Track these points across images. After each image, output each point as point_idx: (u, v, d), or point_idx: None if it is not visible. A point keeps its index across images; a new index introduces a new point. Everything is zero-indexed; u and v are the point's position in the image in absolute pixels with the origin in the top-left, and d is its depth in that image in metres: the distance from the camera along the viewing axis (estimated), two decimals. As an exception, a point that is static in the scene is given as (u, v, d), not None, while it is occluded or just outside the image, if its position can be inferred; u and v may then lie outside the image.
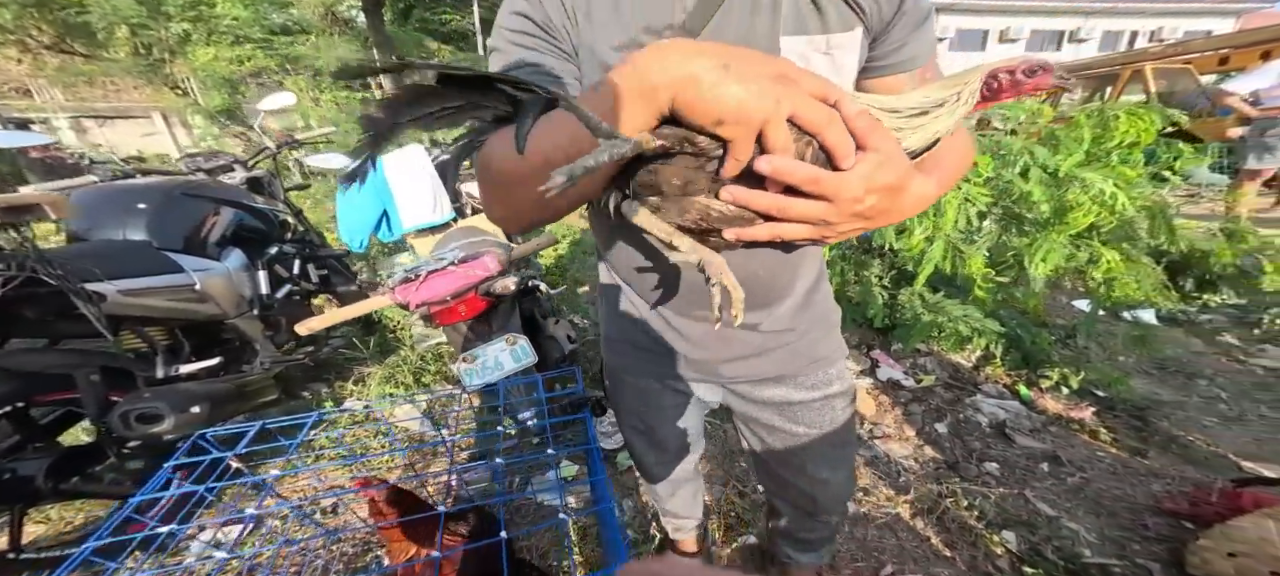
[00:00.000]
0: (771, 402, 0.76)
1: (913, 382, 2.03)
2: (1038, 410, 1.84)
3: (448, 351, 2.28)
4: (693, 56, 0.35)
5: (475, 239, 1.59)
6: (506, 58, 0.56)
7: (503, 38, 0.57)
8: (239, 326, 1.85)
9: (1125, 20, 18.84)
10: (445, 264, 1.29)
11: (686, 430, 0.88)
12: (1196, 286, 2.61)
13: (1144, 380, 2.00)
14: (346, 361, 2.31)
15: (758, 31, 0.53)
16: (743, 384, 0.76)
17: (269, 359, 1.89)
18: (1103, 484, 1.52)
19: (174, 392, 1.32)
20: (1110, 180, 1.66)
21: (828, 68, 0.53)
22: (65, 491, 1.20)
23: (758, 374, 0.73)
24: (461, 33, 12.10)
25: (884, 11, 0.53)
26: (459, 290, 1.29)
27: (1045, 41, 18.71)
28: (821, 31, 0.53)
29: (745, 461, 1.63)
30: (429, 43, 10.78)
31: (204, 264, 1.76)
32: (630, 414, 0.86)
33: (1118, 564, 1.25)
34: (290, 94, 2.40)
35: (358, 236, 2.30)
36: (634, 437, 0.90)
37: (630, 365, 0.80)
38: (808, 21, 0.53)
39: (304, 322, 1.38)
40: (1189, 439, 1.65)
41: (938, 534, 1.38)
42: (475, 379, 1.30)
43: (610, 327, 0.80)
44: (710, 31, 0.53)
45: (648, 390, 0.81)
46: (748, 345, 0.70)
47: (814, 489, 0.84)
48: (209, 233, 1.94)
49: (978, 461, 1.62)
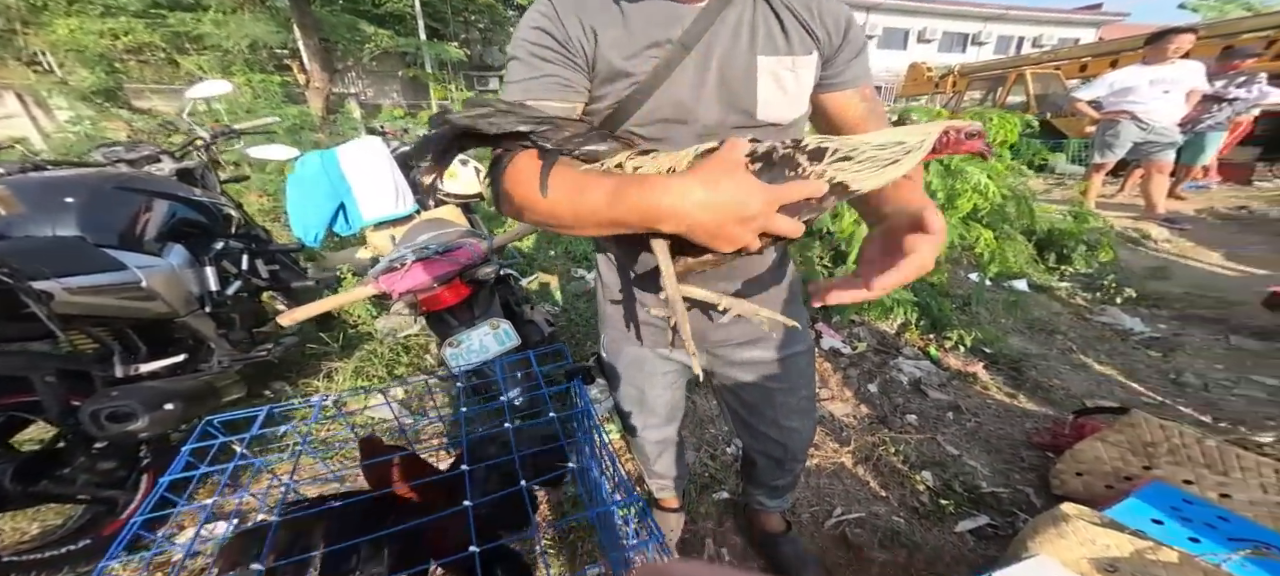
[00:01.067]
0: (749, 363, 0.90)
1: (850, 350, 2.27)
2: (944, 367, 2.15)
3: (418, 342, 2.29)
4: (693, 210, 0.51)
5: (447, 231, 1.64)
6: (527, 67, 0.66)
7: (524, 48, 0.66)
8: (190, 325, 1.77)
9: (1016, 27, 21.42)
10: (430, 252, 1.35)
11: (673, 396, 0.99)
12: (1057, 259, 3.15)
13: (1018, 337, 2.41)
14: (308, 357, 2.25)
15: (740, 49, 0.66)
16: (725, 348, 0.88)
17: (227, 357, 1.83)
18: (992, 426, 1.83)
19: (144, 391, 1.28)
20: (985, 172, 2.04)
21: (792, 82, 0.68)
22: (35, 494, 1.15)
23: (737, 339, 0.87)
24: (398, 15, 11.16)
25: (833, 40, 0.68)
26: (444, 275, 1.35)
27: (953, 42, 20.88)
28: (788, 53, 0.67)
29: (723, 424, 1.81)
30: (363, 25, 9.71)
31: (147, 260, 1.67)
32: (626, 382, 0.97)
33: (1005, 490, 1.53)
34: (225, 82, 2.25)
35: (312, 230, 2.23)
36: (628, 404, 1.01)
37: (629, 336, 0.90)
38: (778, 44, 0.67)
39: (288, 313, 1.38)
40: (1050, 384, 2.04)
41: (874, 477, 1.61)
42: (462, 361, 1.38)
43: (609, 305, 0.91)
44: (702, 46, 0.65)
45: (643, 358, 0.92)
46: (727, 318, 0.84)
47: (785, 437, 0.98)
48: (145, 228, 1.82)
49: (901, 414, 1.88)
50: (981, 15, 20.46)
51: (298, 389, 2.11)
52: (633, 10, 0.65)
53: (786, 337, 0.89)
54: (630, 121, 0.68)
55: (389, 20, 11.15)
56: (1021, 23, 21.27)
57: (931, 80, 10.26)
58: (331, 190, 2.16)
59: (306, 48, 6.67)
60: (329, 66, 7.21)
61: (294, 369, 2.21)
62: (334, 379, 2.13)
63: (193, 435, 0.87)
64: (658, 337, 0.88)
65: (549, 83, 0.65)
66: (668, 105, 0.67)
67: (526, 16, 0.68)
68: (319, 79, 6.71)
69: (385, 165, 2.16)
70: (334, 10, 9.55)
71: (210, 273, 1.94)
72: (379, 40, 9.70)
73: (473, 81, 15.80)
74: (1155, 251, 3.61)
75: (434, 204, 2.28)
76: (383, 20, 10.91)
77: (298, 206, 2.15)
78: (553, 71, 0.66)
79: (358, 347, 2.28)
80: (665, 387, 0.96)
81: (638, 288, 0.85)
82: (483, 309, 1.48)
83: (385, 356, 2.18)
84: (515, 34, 0.68)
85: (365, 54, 9.96)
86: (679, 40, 0.64)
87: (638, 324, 0.88)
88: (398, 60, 12.12)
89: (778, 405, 0.94)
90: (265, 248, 2.24)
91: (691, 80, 0.66)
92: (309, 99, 7.01)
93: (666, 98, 0.66)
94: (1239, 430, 1.32)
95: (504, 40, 15.16)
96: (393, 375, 2.09)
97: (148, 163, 2.10)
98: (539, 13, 0.66)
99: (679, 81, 0.66)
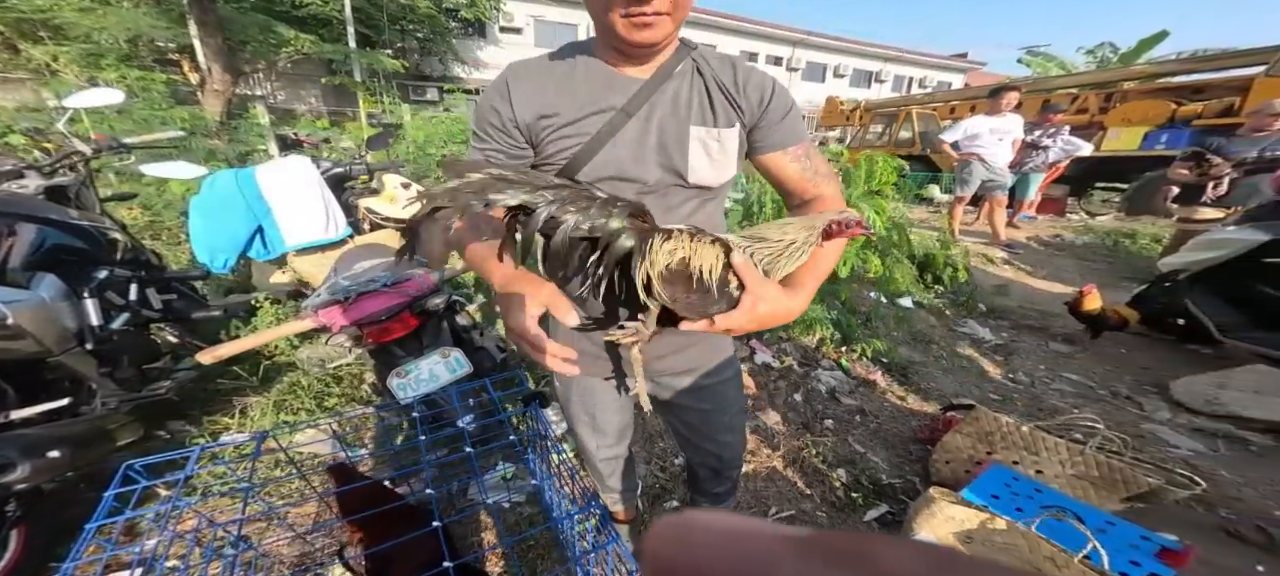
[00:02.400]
0: (688, 388, 1.00)
1: (778, 364, 2.48)
2: (852, 376, 2.48)
3: (351, 372, 2.17)
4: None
5: (391, 260, 1.62)
6: (479, 141, 0.80)
7: (479, 123, 0.79)
8: (67, 364, 1.56)
9: (907, 68, 24.97)
10: (379, 284, 1.34)
11: (623, 418, 1.07)
12: (933, 279, 3.76)
13: (906, 347, 2.85)
14: (215, 393, 2.04)
15: (677, 118, 0.76)
16: (666, 376, 0.98)
17: (114, 397, 1.63)
18: (889, 425, 2.12)
19: (22, 438, 1.14)
20: (872, 208, 2.45)
21: (718, 150, 0.78)
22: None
23: (678, 368, 0.97)
24: (324, 19, 10.15)
25: (754, 111, 0.79)
26: (393, 308, 1.35)
27: (861, 78, 23.97)
28: (714, 126, 0.77)
29: (667, 442, 1.94)
30: (280, 28, 8.68)
31: (11, 293, 1.46)
32: (579, 408, 1.03)
33: (899, 481, 1.78)
34: (116, 91, 2.01)
35: (222, 256, 2.03)
36: (582, 429, 1.07)
37: (580, 368, 1.00)
38: (706, 117, 0.77)
39: (207, 352, 1.29)
40: (929, 386, 2.45)
41: (800, 478, 1.80)
42: (410, 392, 1.38)
43: (558, 338, 0.96)
44: (644, 113, 0.75)
45: (594, 387, 1.00)
46: (671, 347, 0.93)
47: (720, 449, 1.10)
48: (7, 257, 1.59)
49: (820, 420, 2.11)
50: (882, 56, 23.84)
51: (203, 428, 1.91)
52: (582, 78, 0.76)
53: (716, 367, 1.02)
54: (578, 177, 0.76)
55: (313, 23, 10.12)
56: (911, 65, 24.87)
57: (844, 112, 11.70)
58: (247, 212, 2.00)
59: (206, 47, 5.86)
60: (232, 68, 6.37)
61: (198, 405, 2.00)
62: (249, 415, 1.96)
63: (114, 480, 0.83)
64: (603, 367, 0.96)
65: (496, 157, 0.79)
66: (612, 164, 0.75)
67: (485, 90, 0.80)
68: (218, 81, 5.92)
69: (313, 186, 2.04)
70: (243, 9, 8.51)
71: (91, 305, 1.71)
72: (299, 44, 8.78)
73: (408, 91, 14.82)
74: (997, 272, 4.41)
75: (370, 227, 2.20)
76: (305, 23, 9.89)
77: (204, 229, 1.96)
78: (501, 146, 0.79)
79: (277, 380, 2.11)
80: (615, 411, 1.04)
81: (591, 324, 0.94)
82: (432, 338, 1.48)
83: (313, 388, 2.05)
84: (478, 104, 0.80)
85: (281, 58, 8.96)
86: (623, 108, 0.74)
87: (588, 357, 0.95)
88: (320, 64, 10.99)
89: (712, 423, 1.06)
90: (159, 275, 2.02)
91: (633, 143, 0.75)
92: (205, 101, 6.15)
93: (610, 156, 0.75)
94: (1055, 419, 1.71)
95: (444, 51, 14.49)
96: (324, 408, 1.96)
97: (5, 179, 1.82)
98: (493, 89, 0.78)
99: (621, 143, 0.75)
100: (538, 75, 0.77)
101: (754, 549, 0.13)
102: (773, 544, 0.13)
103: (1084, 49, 16.63)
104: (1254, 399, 2.12)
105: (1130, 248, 5.09)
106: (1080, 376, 2.61)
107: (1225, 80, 6.25)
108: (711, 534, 0.13)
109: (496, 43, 16.67)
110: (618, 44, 0.72)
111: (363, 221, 2.20)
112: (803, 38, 21.05)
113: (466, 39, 15.92)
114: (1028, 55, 16.02)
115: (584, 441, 1.10)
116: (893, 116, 9.45)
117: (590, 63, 0.77)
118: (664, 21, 0.67)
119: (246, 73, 8.83)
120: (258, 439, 0.96)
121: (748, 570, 0.12)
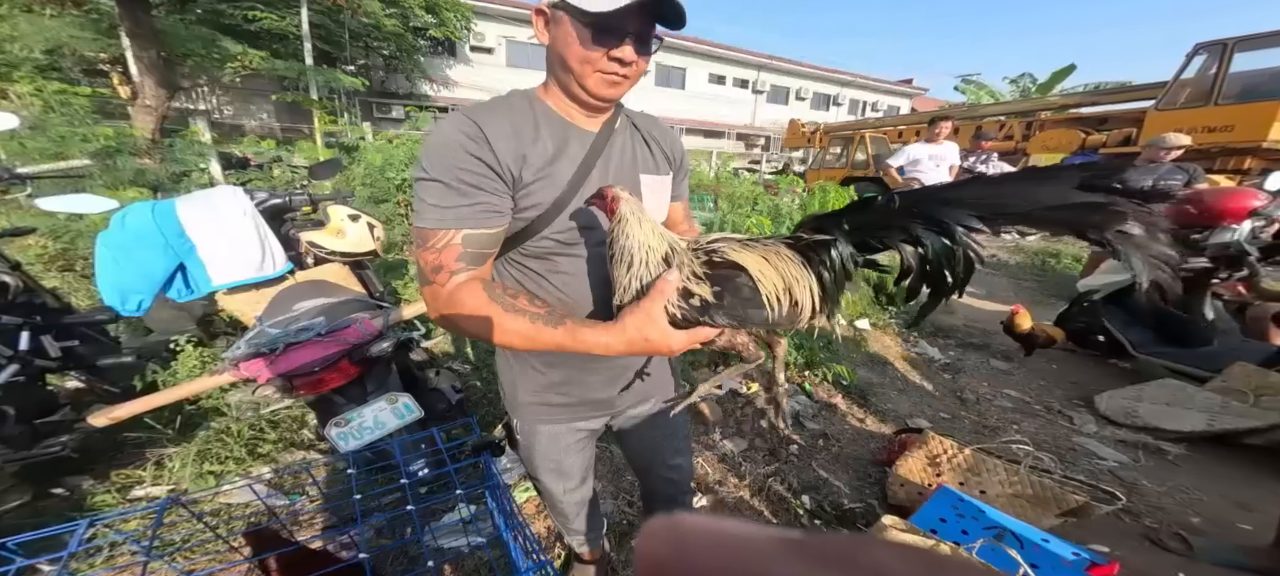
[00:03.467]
0: (642, 416, 1.08)
1: (746, 391, 2.51)
2: (816, 400, 2.52)
3: (290, 415, 2.01)
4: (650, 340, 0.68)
5: (333, 300, 1.52)
6: (458, 194, 0.71)
7: (451, 173, 0.70)
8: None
9: (862, 92, 26.71)
10: (311, 334, 1.24)
11: (586, 458, 1.12)
12: (887, 300, 3.94)
13: (864, 369, 2.96)
14: (124, 445, 1.83)
15: (628, 166, 0.86)
16: (625, 408, 1.06)
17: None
18: (850, 449, 2.16)
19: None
20: None
21: (662, 192, 0.91)
22: None
23: (636, 399, 1.04)
24: (280, 34, 9.53)
25: (675, 165, 0.95)
26: (329, 359, 1.25)
27: (820, 101, 25.43)
28: (656, 173, 0.90)
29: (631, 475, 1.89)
30: (227, 42, 8.01)
31: None
32: (544, 457, 1.05)
33: (859, 505, 1.80)
34: (9, 116, 1.80)
35: (134, 297, 1.80)
36: (547, 477, 1.08)
37: (544, 417, 0.99)
38: (651, 166, 0.90)
39: (103, 413, 1.16)
40: (887, 407, 2.53)
41: (766, 506, 1.80)
42: (352, 441, 1.28)
43: (523, 395, 0.97)
44: (602, 162, 0.82)
45: (558, 434, 1.02)
46: (631, 379, 1.00)
47: (672, 473, 1.18)
48: None
49: (785, 446, 2.13)
50: (838, 80, 25.35)
51: (110, 483, 1.71)
52: (544, 126, 0.78)
53: (667, 394, 1.10)
54: (549, 229, 0.79)
55: (267, 38, 9.50)
56: (863, 89, 26.58)
57: (805, 135, 12.31)
58: (166, 249, 1.76)
59: (138, 60, 5.39)
60: (168, 82, 5.88)
61: (103, 460, 1.79)
62: (167, 467, 1.77)
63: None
64: (571, 413, 1.00)
65: (480, 211, 0.72)
66: (582, 214, 0.80)
67: (448, 135, 0.71)
68: (152, 96, 5.43)
69: (246, 219, 1.84)
70: (186, 21, 7.90)
71: None
72: (248, 60, 8.17)
73: (372, 108, 14.27)
74: (947, 293, 4.70)
75: (314, 262, 2.05)
76: (258, 38, 9.26)
77: (113, 269, 1.70)
78: (484, 199, 0.72)
79: (201, 426, 1.93)
80: (578, 453, 1.08)
81: (554, 371, 0.95)
82: (378, 383, 1.39)
83: (243, 435, 1.88)
84: (433, 149, 0.72)
85: (227, 73, 8.34)
86: (584, 160, 0.80)
87: (554, 406, 0.98)
88: (273, 80, 10.39)
89: (665, 448, 1.15)
90: (57, 320, 1.81)
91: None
92: (135, 117, 5.66)
93: (581, 209, 0.80)
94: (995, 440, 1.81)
95: (411, 68, 14.01)
96: (256, 455, 1.80)
97: None
98: (464, 135, 0.71)
99: (589, 189, 0.79)
100: (507, 117, 0.75)
101: (745, 550, 0.13)
102: (764, 545, 0.13)
103: (1008, 78, 18.40)
104: (1166, 411, 2.32)
105: (1056, 266, 5.55)
106: (1019, 392, 2.78)
107: (1123, 112, 7.08)
108: (703, 535, 0.14)
109: (467, 61, 16.47)
110: (584, 97, 0.76)
111: (306, 255, 2.04)
112: (765, 62, 22.17)
113: (435, 57, 15.64)
114: (963, 83, 17.59)
115: (550, 487, 1.10)
116: (849, 139, 10.02)
117: (548, 112, 0.80)
118: (629, 81, 0.76)
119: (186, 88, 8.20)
120: (160, 509, 0.86)
121: (739, 571, 0.12)
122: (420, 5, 11.71)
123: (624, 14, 0.66)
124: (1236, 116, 5.45)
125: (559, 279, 0.84)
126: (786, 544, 0.13)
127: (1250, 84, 5.65)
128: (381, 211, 4.68)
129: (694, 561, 0.13)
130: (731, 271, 0.67)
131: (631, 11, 0.66)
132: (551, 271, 0.83)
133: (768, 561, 0.12)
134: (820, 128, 12.09)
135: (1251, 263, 2.52)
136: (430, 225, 0.72)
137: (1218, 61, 5.78)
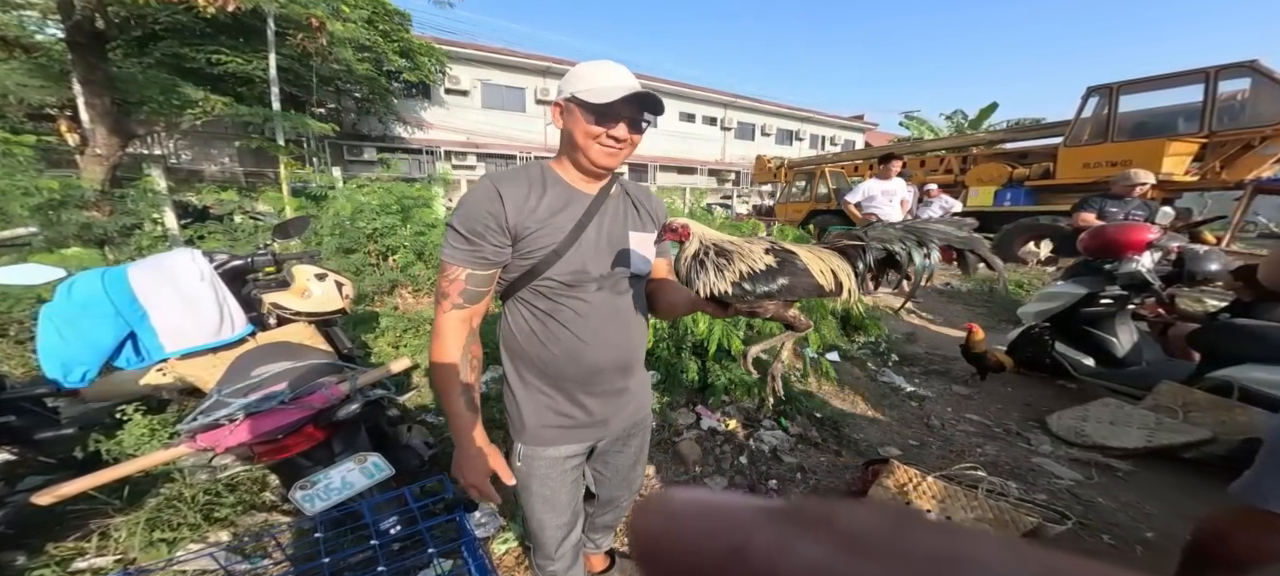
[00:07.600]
0: (623, 436, 1.20)
1: (724, 428, 2.53)
2: (792, 434, 2.55)
3: (248, 478, 1.89)
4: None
5: (297, 365, 1.48)
6: (467, 242, 0.92)
7: (469, 224, 0.92)
8: None
9: (820, 128, 28.43)
10: (275, 401, 1.20)
11: (577, 499, 1.18)
12: (855, 328, 4.10)
13: (837, 400, 3.04)
14: (65, 516, 1.68)
15: (619, 224, 1.03)
16: (617, 430, 1.15)
17: None
18: (825, 481, 2.20)
19: None
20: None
21: (648, 248, 1.06)
22: None
23: (626, 421, 1.16)
24: (245, 78, 9.32)
25: (659, 225, 1.07)
26: (292, 425, 1.22)
27: (784, 137, 26.99)
28: (643, 231, 1.06)
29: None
30: (187, 88, 7.56)
31: None
32: (541, 484, 1.10)
33: None
34: None
35: (79, 368, 1.69)
36: (541, 509, 1.13)
37: (546, 439, 1.07)
38: (638, 224, 1.07)
39: (49, 490, 1.09)
40: (859, 436, 2.59)
41: None
42: (318, 503, 1.24)
43: (530, 420, 1.07)
44: (596, 221, 0.99)
45: (554, 460, 1.09)
46: (622, 401, 1.13)
47: (633, 488, 1.31)
48: None
49: (765, 481, 2.15)
50: (798, 116, 27.16)
51: (47, 558, 1.58)
52: (551, 189, 0.98)
53: (646, 415, 1.26)
54: (550, 271, 0.96)
55: (231, 82, 9.26)
56: (821, 125, 28.38)
57: (771, 170, 12.87)
58: (116, 316, 1.66)
59: (90, 108, 5.15)
60: (121, 130, 5.61)
61: (41, 533, 1.65)
62: (113, 538, 1.65)
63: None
64: (568, 435, 1.08)
65: (482, 258, 0.94)
66: (577, 261, 0.97)
67: (476, 194, 0.94)
68: (103, 144, 5.17)
69: (203, 283, 1.76)
70: (144, 66, 7.63)
71: None
72: (209, 106, 7.75)
73: (343, 151, 13.99)
74: (906, 322, 4.92)
75: (277, 322, 1.98)
76: (221, 81, 9.01)
77: (57, 343, 1.60)
78: (488, 249, 0.93)
79: (151, 493, 1.80)
80: (571, 485, 1.14)
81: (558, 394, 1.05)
82: (344, 445, 1.35)
83: (198, 500, 1.76)
84: (465, 203, 0.94)
85: (187, 119, 8.02)
86: (580, 220, 0.98)
87: (556, 429, 1.06)
88: (235, 122, 10.12)
89: (634, 468, 1.30)
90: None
91: (592, 245, 0.99)
92: (84, 167, 5.37)
93: (577, 256, 0.97)
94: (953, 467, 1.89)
95: (384, 111, 13.93)
96: (212, 520, 1.68)
97: None
98: (485, 196, 0.93)
99: (585, 242, 0.98)
100: (520, 183, 0.96)
101: (732, 517, 0.14)
102: (749, 513, 0.14)
103: (943, 114, 20.10)
104: (1110, 429, 2.48)
105: (1002, 293, 5.92)
106: (979, 416, 2.91)
107: (1039, 148, 7.85)
108: (692, 505, 0.15)
109: (442, 104, 16.53)
110: (588, 165, 0.96)
111: (268, 315, 1.96)
112: (731, 100, 23.62)
113: (410, 99, 15.70)
114: (906, 118, 19.09)
115: (541, 518, 1.15)
116: (811, 174, 10.57)
117: (557, 178, 1.01)
118: (623, 154, 0.95)
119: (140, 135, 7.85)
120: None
121: (726, 537, 0.13)
122: (394, 50, 11.79)
123: (618, 105, 0.89)
124: (1133, 152, 6.03)
125: (565, 316, 1.00)
126: (769, 510, 0.14)
127: (1141, 122, 6.36)
128: (351, 262, 4.51)
129: (683, 530, 0.14)
130: (788, 254, 0.85)
131: (624, 103, 0.89)
132: (556, 311, 1.00)
133: (750, 526, 0.13)
134: (785, 163, 12.71)
135: (1155, 289, 2.79)
136: (448, 260, 0.95)
137: (1107, 103, 6.46)
